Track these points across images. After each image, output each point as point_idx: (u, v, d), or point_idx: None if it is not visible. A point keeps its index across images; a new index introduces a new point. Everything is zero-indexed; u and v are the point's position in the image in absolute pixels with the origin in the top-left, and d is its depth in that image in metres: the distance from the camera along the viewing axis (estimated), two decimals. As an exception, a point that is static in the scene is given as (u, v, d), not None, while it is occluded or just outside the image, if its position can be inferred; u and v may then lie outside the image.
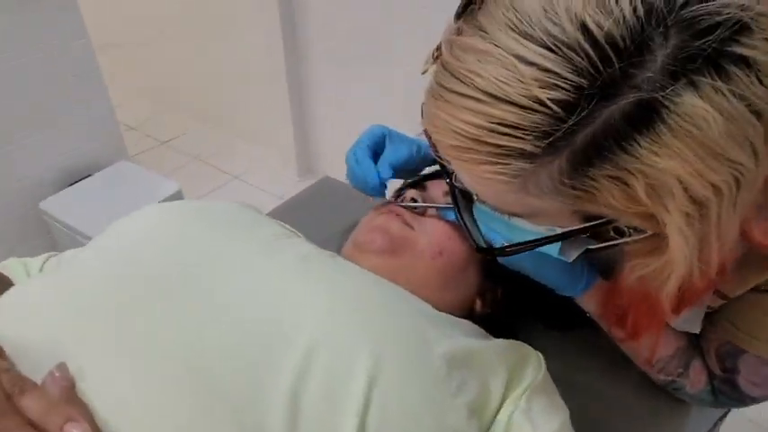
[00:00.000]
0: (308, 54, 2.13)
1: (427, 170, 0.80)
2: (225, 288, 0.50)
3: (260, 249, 0.57)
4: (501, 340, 0.60)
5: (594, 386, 0.75)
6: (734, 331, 0.59)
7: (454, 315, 0.61)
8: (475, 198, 0.46)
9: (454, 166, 0.41)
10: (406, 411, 0.45)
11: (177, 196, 1.75)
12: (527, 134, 0.34)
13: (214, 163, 2.61)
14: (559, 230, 0.44)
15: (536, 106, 0.33)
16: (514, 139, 0.35)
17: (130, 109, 2.95)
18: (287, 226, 0.69)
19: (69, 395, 0.39)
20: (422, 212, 0.69)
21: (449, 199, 0.70)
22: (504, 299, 0.73)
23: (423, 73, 0.44)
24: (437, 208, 0.70)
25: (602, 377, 0.76)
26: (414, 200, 0.70)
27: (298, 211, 1.07)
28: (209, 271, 0.52)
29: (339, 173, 1.19)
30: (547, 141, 0.34)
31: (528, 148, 0.35)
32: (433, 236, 0.66)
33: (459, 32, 0.39)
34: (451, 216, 0.67)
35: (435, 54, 0.42)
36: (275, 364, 0.45)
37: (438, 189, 0.74)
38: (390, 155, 0.71)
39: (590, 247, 0.50)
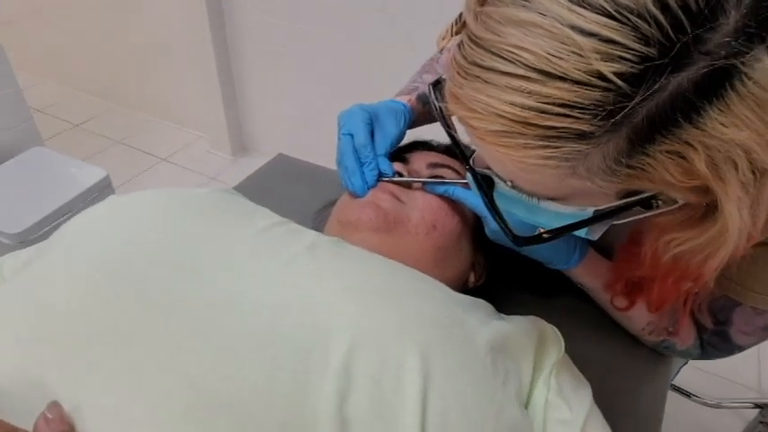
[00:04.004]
0: (236, 24, 2.00)
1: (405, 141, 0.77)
2: (235, 294, 0.45)
3: (263, 242, 0.52)
4: (521, 318, 0.59)
5: (580, 352, 0.72)
6: (732, 286, 0.59)
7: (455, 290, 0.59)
8: (508, 185, 0.43)
9: (488, 151, 0.38)
10: (467, 414, 0.42)
11: (105, 183, 1.59)
12: (585, 113, 0.31)
13: (137, 145, 2.42)
14: (590, 209, 0.42)
15: (597, 81, 0.30)
16: (570, 120, 0.32)
17: (36, 90, 2.67)
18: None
19: None
20: (408, 186, 0.67)
21: (433, 171, 0.70)
22: (491, 269, 0.73)
23: (440, 50, 0.40)
24: (424, 182, 0.67)
25: (587, 343, 0.75)
26: (399, 174, 0.67)
27: (255, 192, 0.97)
28: (213, 275, 0.46)
29: (277, 149, 1.19)
30: (607, 120, 0.31)
31: (585, 128, 0.32)
32: (425, 210, 0.64)
33: (483, 2, 0.35)
34: (439, 189, 0.65)
35: (455, 28, 0.38)
36: (314, 380, 0.40)
37: (421, 161, 0.72)
38: (382, 146, 0.67)
39: (615, 222, 0.48)
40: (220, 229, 0.52)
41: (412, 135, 0.79)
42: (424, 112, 0.76)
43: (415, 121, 0.76)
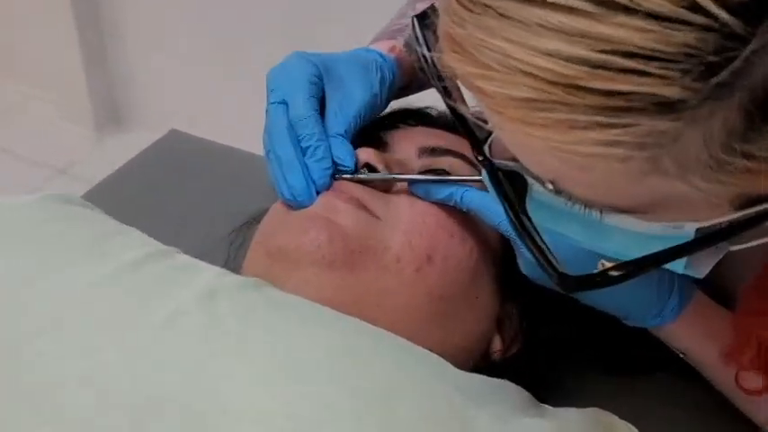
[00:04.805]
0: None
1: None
2: (79, 386, 0.49)
3: (124, 291, 0.54)
4: (574, 412, 0.60)
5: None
6: None
7: (465, 366, 0.61)
8: (548, 187, 0.44)
9: (512, 133, 0.39)
10: None
11: None
12: (670, 68, 0.32)
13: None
14: (690, 226, 0.43)
15: (689, 15, 0.31)
16: (646, 80, 0.32)
17: None
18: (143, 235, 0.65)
19: None
20: (385, 188, 0.68)
21: (430, 161, 0.71)
22: (532, 330, 0.73)
23: None
24: (412, 181, 0.68)
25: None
26: (370, 167, 0.68)
27: (131, 193, 1.01)
28: (37, 355, 0.50)
29: (169, 123, 1.20)
30: (706, 78, 0.32)
31: (671, 93, 0.32)
32: (414, 229, 0.65)
33: None
34: (440, 193, 0.66)
35: None
36: None
37: (409, 145, 0.73)
38: (341, 120, 0.68)
39: (734, 248, 0.49)
40: (50, 274, 0.53)
41: (397, 103, 0.80)
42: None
43: (406, 84, 0.77)
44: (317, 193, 0.65)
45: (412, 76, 0.77)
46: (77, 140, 2.32)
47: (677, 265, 0.49)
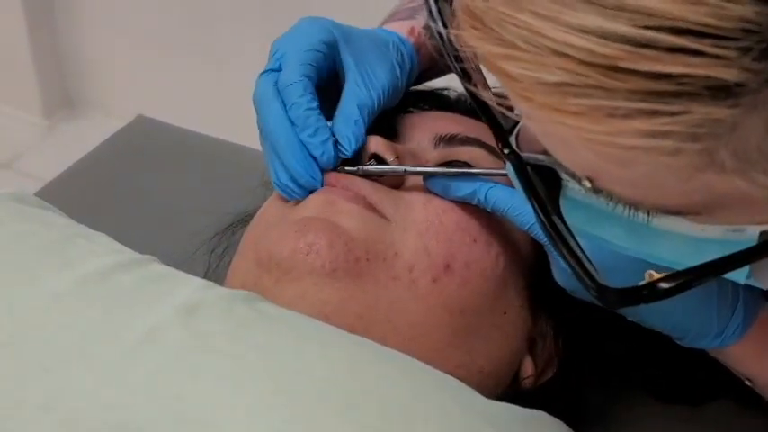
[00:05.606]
0: None
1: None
2: (40, 412, 0.49)
3: (85, 309, 0.54)
4: None
5: None
6: None
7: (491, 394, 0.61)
8: (585, 185, 0.43)
9: (543, 123, 0.39)
10: None
11: None
12: (727, 47, 0.31)
13: None
14: (752, 230, 0.42)
15: None
16: (699, 60, 0.32)
17: None
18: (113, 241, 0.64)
19: None
20: (396, 183, 0.67)
21: (448, 152, 0.70)
22: (569, 352, 0.72)
23: None
24: (427, 175, 0.66)
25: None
26: (377, 158, 0.66)
27: (90, 190, 0.99)
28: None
29: (135, 109, 1.18)
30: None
31: (729, 75, 0.32)
32: (430, 232, 0.64)
33: None
34: (460, 190, 0.64)
35: None
36: None
37: (422, 134, 0.72)
38: (365, 90, 0.68)
39: None
40: (7, 283, 0.54)
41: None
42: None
43: (425, 69, 0.77)
44: (321, 181, 0.64)
45: (433, 62, 0.76)
46: (23, 129, 2.28)
47: (738, 275, 0.48)
